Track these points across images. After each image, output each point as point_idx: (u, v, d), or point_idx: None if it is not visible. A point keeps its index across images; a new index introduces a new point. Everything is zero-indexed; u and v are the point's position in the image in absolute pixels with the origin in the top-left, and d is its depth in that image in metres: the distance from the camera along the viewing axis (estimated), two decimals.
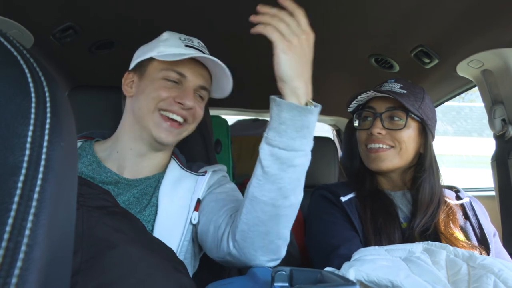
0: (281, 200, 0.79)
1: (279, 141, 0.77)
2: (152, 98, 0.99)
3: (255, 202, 0.80)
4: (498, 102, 1.41)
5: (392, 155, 1.16)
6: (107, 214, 0.61)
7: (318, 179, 2.03)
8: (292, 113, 0.76)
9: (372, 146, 1.17)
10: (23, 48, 0.33)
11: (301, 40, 0.79)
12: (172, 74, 1.01)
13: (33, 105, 0.30)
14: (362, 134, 1.22)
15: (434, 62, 1.48)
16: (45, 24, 1.30)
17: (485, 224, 1.15)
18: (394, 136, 1.15)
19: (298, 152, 0.78)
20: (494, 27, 1.21)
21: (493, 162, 1.48)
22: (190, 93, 1.02)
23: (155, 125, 1.00)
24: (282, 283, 0.58)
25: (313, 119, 0.79)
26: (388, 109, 1.16)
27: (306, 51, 0.80)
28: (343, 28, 1.42)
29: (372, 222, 1.10)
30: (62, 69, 1.63)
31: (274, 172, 0.78)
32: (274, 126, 0.78)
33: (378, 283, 0.68)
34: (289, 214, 0.82)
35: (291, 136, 0.77)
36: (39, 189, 0.28)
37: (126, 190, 1.00)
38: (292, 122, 0.76)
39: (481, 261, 0.75)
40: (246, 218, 0.81)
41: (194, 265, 1.06)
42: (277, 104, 0.78)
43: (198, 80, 1.05)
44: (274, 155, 0.77)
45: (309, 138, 0.79)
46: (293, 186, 0.80)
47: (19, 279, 0.25)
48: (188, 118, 1.03)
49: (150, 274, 0.56)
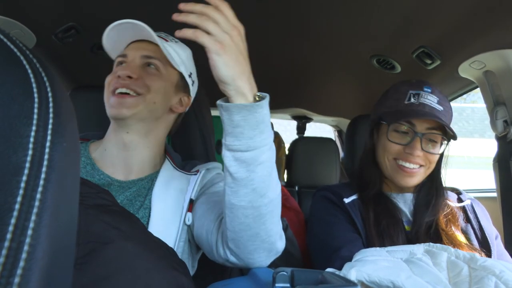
0: (259, 200, 0.78)
1: (238, 144, 0.75)
2: (107, 85, 1.03)
3: (235, 209, 0.79)
4: (500, 103, 1.40)
5: (421, 173, 1.14)
6: (105, 212, 0.62)
7: (319, 179, 2.04)
8: (242, 114, 0.74)
9: (406, 165, 1.13)
10: (26, 48, 0.33)
11: (233, 37, 0.73)
12: (119, 59, 1.07)
13: (36, 105, 0.30)
14: (395, 147, 1.15)
15: (436, 63, 1.48)
16: (47, 24, 1.30)
17: (487, 227, 1.14)
18: (428, 157, 1.13)
19: (261, 148, 0.76)
20: (496, 28, 1.21)
21: (495, 163, 1.47)
22: (130, 65, 1.03)
23: (109, 106, 1.00)
24: (283, 284, 0.58)
25: (265, 112, 0.76)
26: (428, 130, 1.13)
27: (240, 47, 0.75)
28: (344, 29, 1.42)
29: (375, 225, 1.10)
30: (64, 69, 1.64)
31: (243, 176, 0.76)
32: (229, 131, 0.75)
33: (380, 284, 0.68)
34: (271, 210, 0.80)
35: (249, 135, 0.74)
36: (41, 189, 0.28)
37: (119, 193, 1.00)
38: (246, 122, 0.74)
39: (482, 262, 0.75)
40: (232, 226, 0.80)
41: (192, 266, 1.05)
42: (225, 109, 0.75)
43: (139, 52, 1.05)
44: (238, 159, 0.76)
45: (268, 131, 0.77)
46: (267, 183, 0.78)
47: (22, 278, 0.25)
48: (136, 88, 1.00)
49: (147, 270, 0.55)
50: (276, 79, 1.92)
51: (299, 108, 2.44)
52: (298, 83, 1.98)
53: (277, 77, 1.89)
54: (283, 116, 2.68)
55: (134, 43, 1.08)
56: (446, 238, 1.07)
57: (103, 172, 1.02)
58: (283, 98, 2.30)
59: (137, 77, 1.00)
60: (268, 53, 1.65)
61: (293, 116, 2.66)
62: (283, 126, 8.45)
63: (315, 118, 2.64)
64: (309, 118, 2.65)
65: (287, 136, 2.76)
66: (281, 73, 1.85)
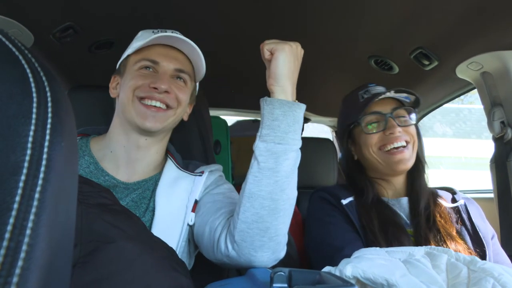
0: (279, 193, 0.83)
1: (273, 136, 0.83)
2: (129, 87, 1.01)
3: (253, 199, 0.82)
4: (497, 104, 1.41)
5: (410, 151, 1.18)
6: (107, 211, 0.62)
7: (317, 180, 2.04)
8: (283, 109, 0.84)
9: (394, 145, 1.17)
10: (25, 47, 0.33)
11: (296, 46, 0.90)
12: (145, 62, 1.03)
13: (35, 105, 0.30)
14: (373, 137, 1.20)
15: (434, 64, 1.49)
16: (45, 24, 1.30)
17: (481, 227, 1.15)
18: (407, 131, 1.18)
19: (291, 146, 0.84)
20: (493, 30, 1.21)
21: (492, 164, 1.48)
22: (164, 77, 1.03)
23: (138, 115, 1.00)
24: (281, 284, 0.58)
25: (301, 115, 0.87)
26: (394, 109, 1.20)
27: (298, 56, 0.91)
28: (343, 29, 1.43)
29: (382, 233, 1.10)
30: (62, 68, 1.63)
31: (270, 166, 0.83)
32: (267, 124, 0.84)
33: (374, 281, 0.68)
34: (287, 208, 0.85)
35: (285, 130, 0.84)
36: (40, 189, 0.28)
37: (124, 195, 1.00)
38: (284, 117, 0.84)
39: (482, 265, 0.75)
40: (245, 216, 0.83)
41: (189, 263, 1.06)
42: (268, 103, 0.85)
43: (172, 64, 1.05)
44: (269, 150, 0.83)
45: (299, 134, 0.87)
46: (288, 179, 0.85)
47: (20, 278, 0.25)
48: (169, 102, 1.02)
49: (147, 271, 0.56)
50: None
51: None
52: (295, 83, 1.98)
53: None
54: None
55: (164, 49, 1.06)
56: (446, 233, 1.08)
57: (108, 173, 1.02)
58: None
59: (171, 91, 1.03)
60: None
61: None
62: None
63: (313, 119, 2.64)
64: (307, 119, 2.65)
65: None
66: None
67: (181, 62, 1.07)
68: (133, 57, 1.05)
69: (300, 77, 0.93)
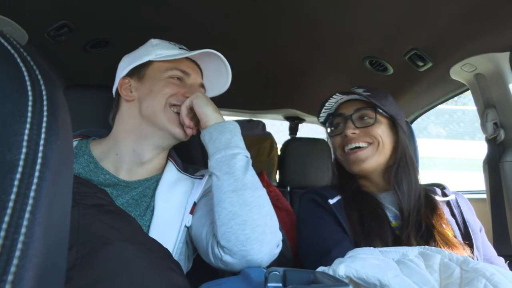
0: (242, 188, 0.88)
1: (218, 148, 0.92)
2: (162, 94, 1.03)
3: (222, 201, 0.87)
4: (490, 106, 1.42)
5: (371, 153, 1.18)
6: (103, 212, 0.61)
7: (311, 180, 2.04)
8: (218, 129, 0.95)
9: (349, 147, 1.19)
10: (20, 46, 0.33)
11: None
12: (177, 72, 1.07)
13: (30, 103, 0.30)
14: (337, 139, 1.25)
15: (428, 65, 1.50)
16: (39, 22, 1.29)
17: (470, 220, 1.16)
18: (368, 132, 1.18)
19: (236, 150, 0.92)
20: (487, 32, 1.22)
21: (484, 165, 1.49)
22: (195, 88, 1.09)
23: (169, 121, 1.03)
24: (275, 284, 0.58)
25: (235, 128, 0.98)
26: (356, 110, 1.20)
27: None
28: (337, 30, 1.43)
29: (360, 224, 1.10)
30: (56, 67, 1.63)
31: (225, 170, 0.89)
32: (210, 144, 0.94)
33: (367, 281, 0.68)
34: (256, 200, 0.87)
35: (226, 141, 0.93)
36: (35, 187, 0.28)
37: (124, 192, 1.00)
38: (221, 134, 0.94)
39: (474, 265, 0.75)
40: (221, 219, 0.86)
41: (187, 267, 1.06)
42: (206, 132, 0.96)
43: (199, 78, 1.13)
44: (219, 160, 0.91)
45: (241, 142, 0.95)
46: (247, 176, 0.90)
47: (15, 276, 0.25)
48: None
49: (144, 272, 0.56)
50: (269, 80, 1.93)
51: (292, 108, 2.45)
52: (290, 84, 1.98)
53: (270, 78, 1.90)
54: (275, 116, 2.69)
55: (191, 63, 1.13)
56: (438, 235, 1.08)
57: (108, 172, 1.02)
58: (276, 99, 2.30)
59: None
60: (261, 54, 1.65)
61: (286, 117, 2.67)
62: (276, 127, 8.47)
63: (307, 119, 2.65)
64: (302, 119, 2.66)
65: (279, 137, 2.77)
66: (274, 74, 1.86)
67: (201, 78, 1.16)
68: (161, 65, 1.07)
69: (295, 77, 0.94)
